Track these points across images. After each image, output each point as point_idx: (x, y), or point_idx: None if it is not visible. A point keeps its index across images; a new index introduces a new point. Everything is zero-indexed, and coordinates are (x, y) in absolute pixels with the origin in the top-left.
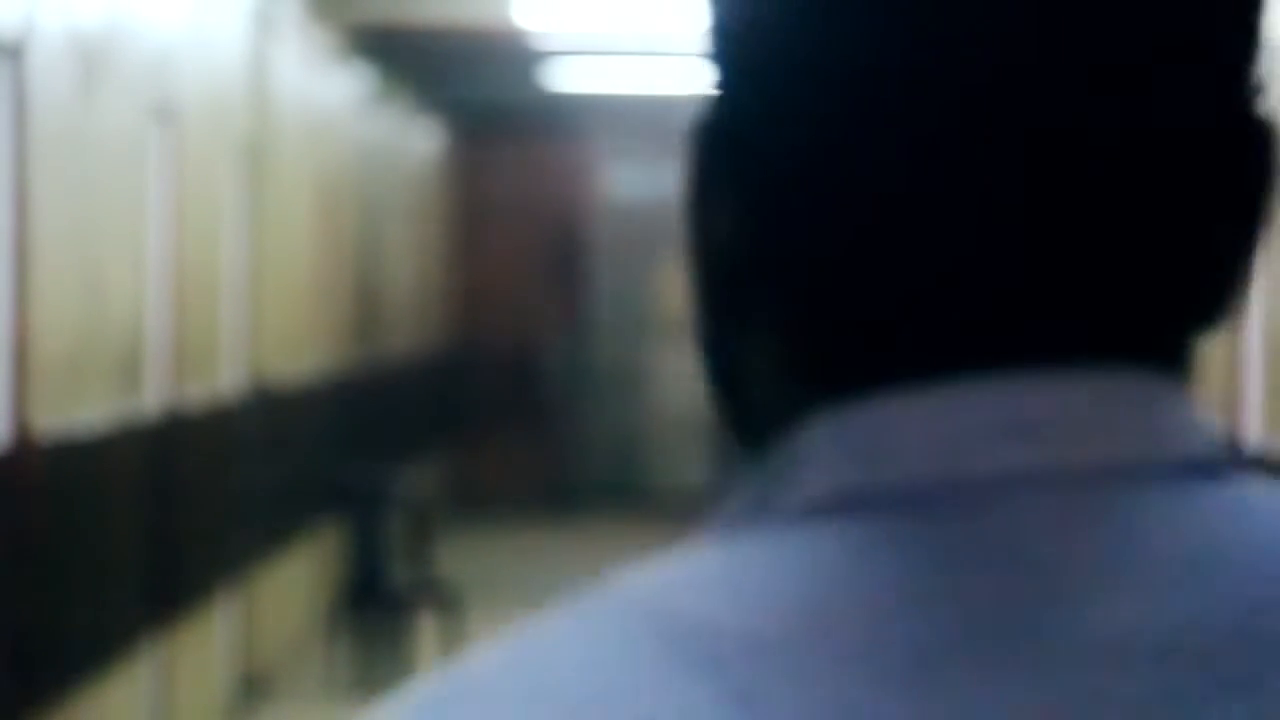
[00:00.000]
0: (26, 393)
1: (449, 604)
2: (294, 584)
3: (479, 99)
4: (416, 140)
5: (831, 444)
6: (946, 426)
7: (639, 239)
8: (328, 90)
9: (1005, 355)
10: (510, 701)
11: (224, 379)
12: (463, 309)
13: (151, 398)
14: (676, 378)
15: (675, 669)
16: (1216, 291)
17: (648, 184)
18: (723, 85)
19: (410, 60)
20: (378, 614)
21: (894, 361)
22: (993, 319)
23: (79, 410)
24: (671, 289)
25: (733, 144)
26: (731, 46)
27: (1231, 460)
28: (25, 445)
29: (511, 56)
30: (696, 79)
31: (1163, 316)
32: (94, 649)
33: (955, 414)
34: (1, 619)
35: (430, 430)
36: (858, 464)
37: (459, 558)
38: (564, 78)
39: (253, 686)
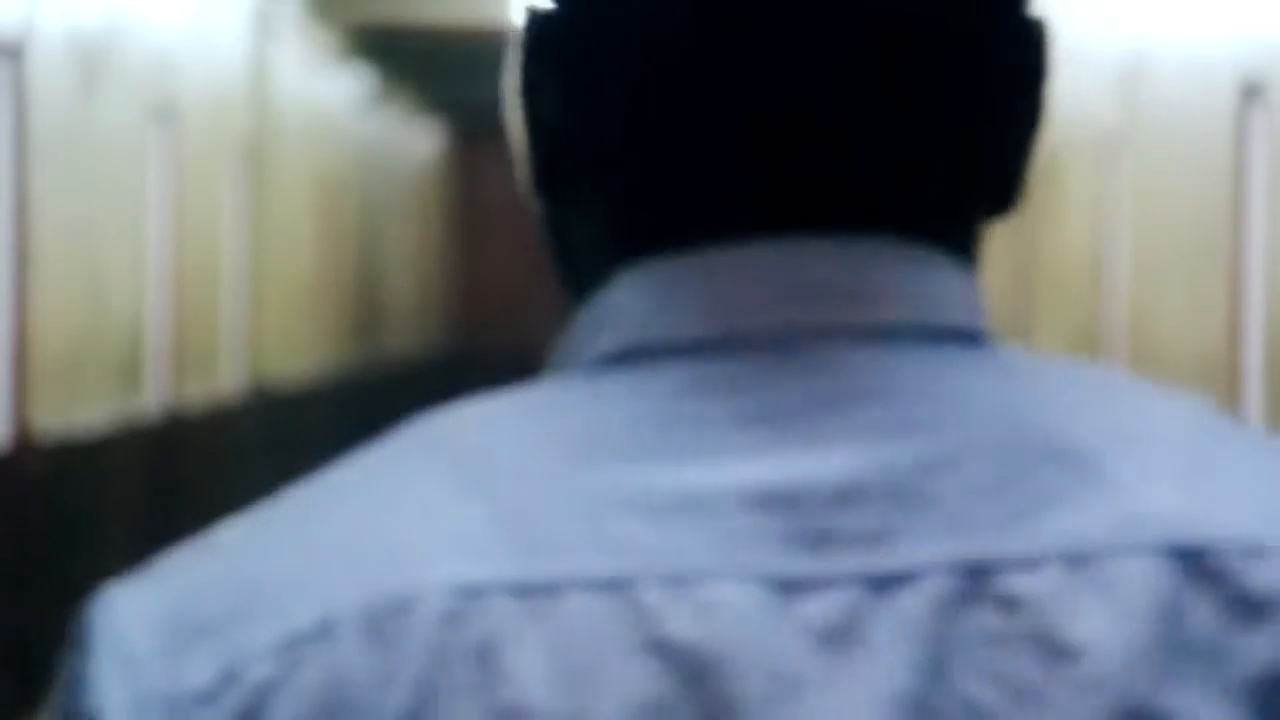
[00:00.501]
0: (26, 393)
1: None
2: None
3: (479, 99)
4: (416, 140)
5: (625, 305)
6: (727, 289)
7: None
8: (328, 91)
9: (791, 224)
10: (315, 520)
11: (224, 379)
12: (462, 308)
13: (151, 398)
14: None
15: (455, 491)
16: (998, 179)
17: None
18: None
19: (410, 60)
20: None
21: (686, 228)
22: (778, 190)
23: (79, 410)
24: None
25: (556, 34)
26: None
27: (987, 334)
28: (25, 445)
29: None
30: None
31: (944, 199)
32: None
33: (736, 278)
34: (1, 618)
35: None
36: (643, 323)
37: None
38: None
39: None
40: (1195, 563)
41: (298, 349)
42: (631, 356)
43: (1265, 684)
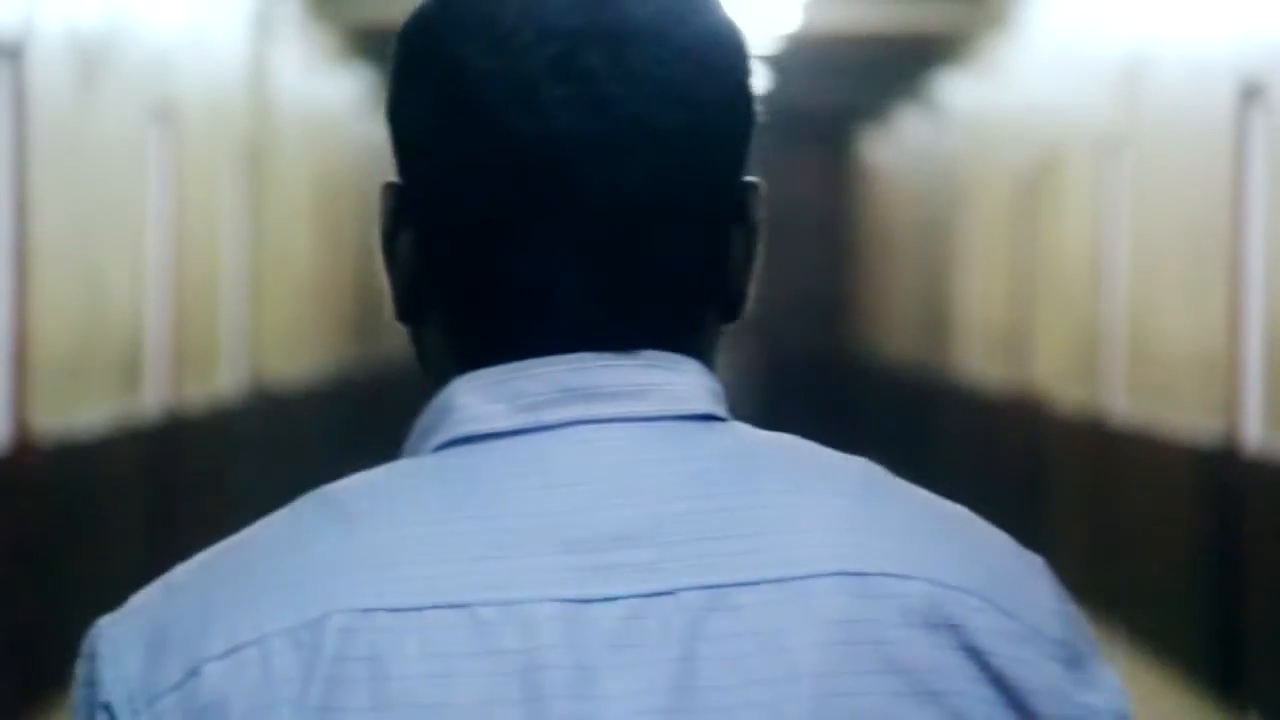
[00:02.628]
0: (26, 393)
1: None
2: None
3: None
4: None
5: (460, 404)
6: (520, 392)
7: None
8: (328, 91)
9: (574, 348)
10: (248, 565)
11: (224, 379)
12: None
13: (151, 398)
14: None
15: (327, 528)
16: (728, 302)
17: None
18: (396, 155)
19: None
20: None
21: (498, 349)
22: (565, 322)
23: (79, 411)
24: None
25: (408, 202)
26: (399, 133)
27: (728, 416)
28: (25, 445)
29: None
30: None
31: (687, 323)
32: None
33: (527, 383)
34: (2, 618)
35: None
36: (474, 418)
37: None
38: None
39: None
40: (860, 582)
41: (298, 349)
42: (466, 441)
43: (914, 667)
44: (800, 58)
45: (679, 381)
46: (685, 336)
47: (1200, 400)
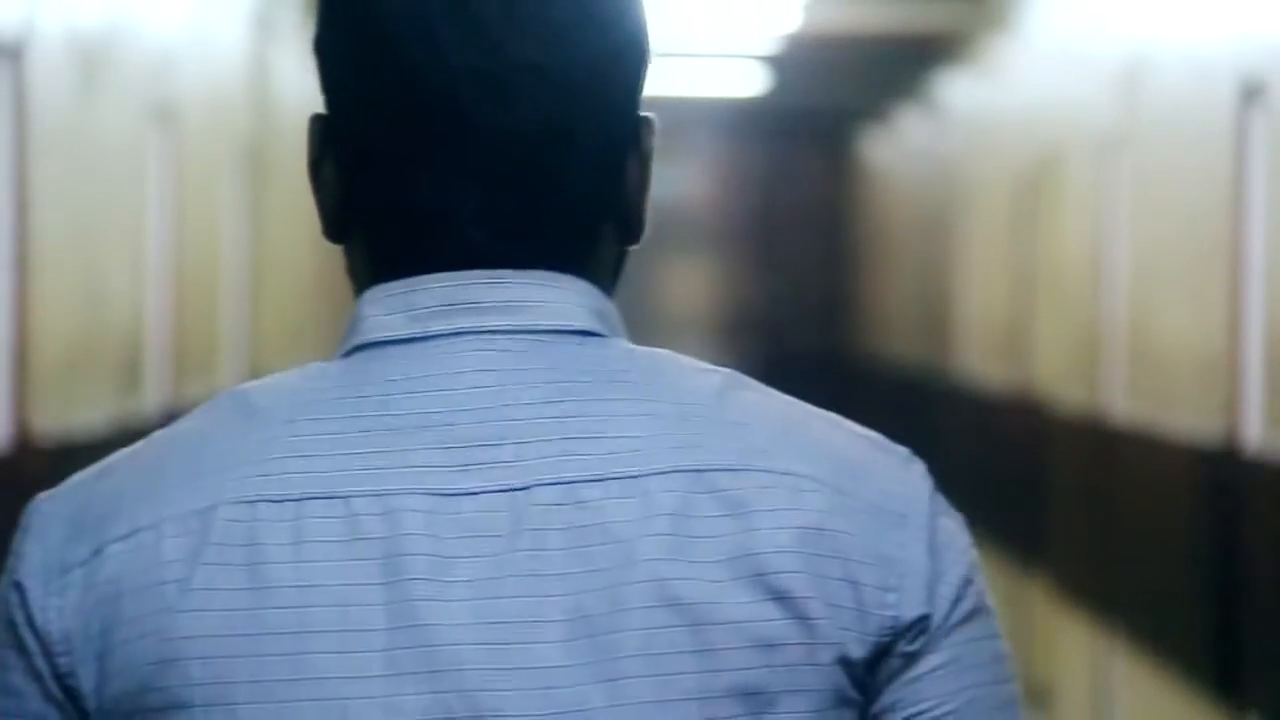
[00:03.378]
0: (26, 393)
1: None
2: None
3: None
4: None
5: (365, 314)
6: (414, 304)
7: None
8: None
9: (466, 265)
10: (160, 457)
11: (224, 379)
12: None
13: (151, 398)
14: None
15: (234, 430)
16: (627, 224)
17: None
18: (322, 89)
19: None
20: None
21: (403, 266)
22: (456, 238)
23: (79, 411)
24: (671, 287)
25: (330, 132)
26: (322, 69)
27: (610, 333)
28: (25, 445)
29: None
30: (694, 79)
31: (576, 243)
32: None
33: (420, 297)
34: None
35: None
36: (364, 328)
37: None
38: None
39: None
40: (700, 478)
41: (298, 349)
42: (368, 347)
43: (740, 551)
44: (800, 58)
45: (560, 299)
46: (578, 258)
47: (1200, 400)
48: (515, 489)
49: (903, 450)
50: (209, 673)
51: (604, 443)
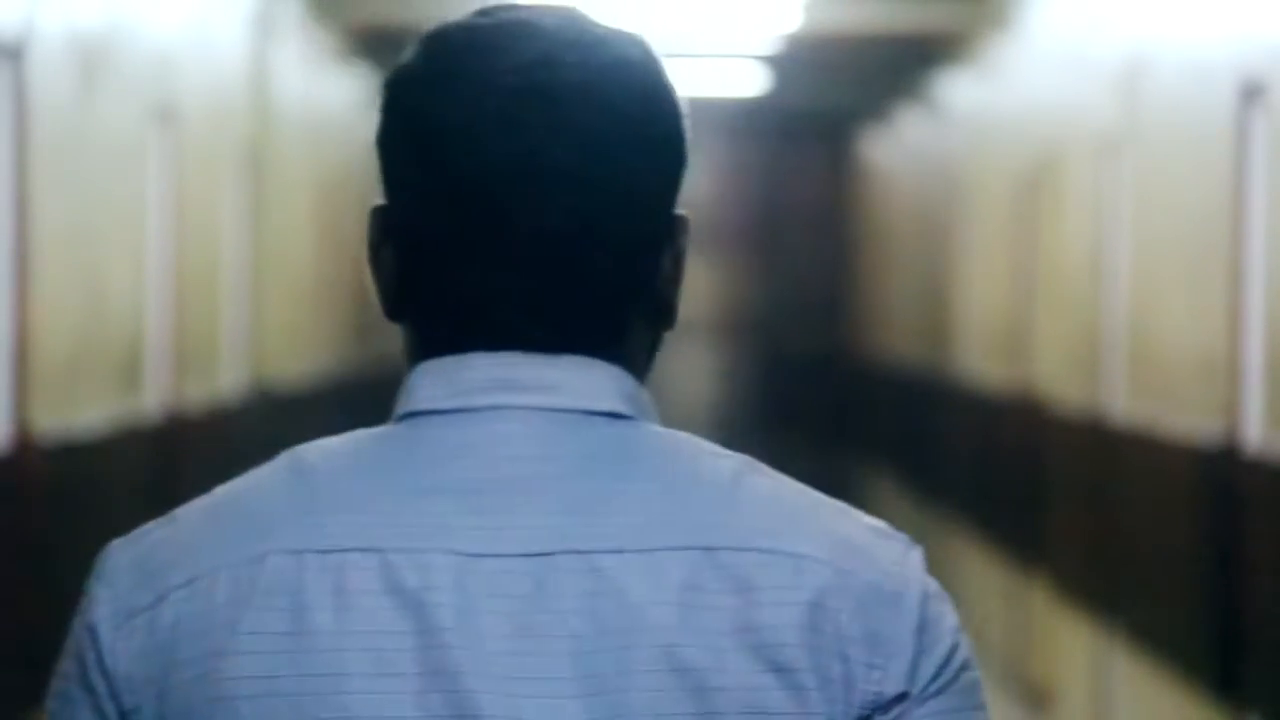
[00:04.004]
0: (27, 393)
1: None
2: None
3: None
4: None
5: (416, 386)
6: (458, 379)
7: None
8: (328, 92)
9: (507, 344)
10: (217, 511)
11: (224, 379)
12: None
13: (151, 398)
14: (681, 377)
15: (288, 488)
16: (659, 312)
17: None
18: (381, 181)
19: None
20: None
21: (451, 344)
22: (500, 324)
23: (79, 411)
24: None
25: (390, 221)
26: (382, 164)
27: (638, 415)
28: (25, 445)
29: None
30: (694, 79)
31: (605, 331)
32: None
33: (464, 373)
34: (2, 618)
35: None
36: (422, 399)
37: None
38: None
39: None
40: (710, 555)
41: (298, 349)
42: (414, 416)
43: (747, 625)
44: (800, 58)
45: (592, 382)
46: (609, 344)
47: (1200, 400)
48: (538, 555)
49: (902, 536)
50: (255, 711)
51: (623, 518)
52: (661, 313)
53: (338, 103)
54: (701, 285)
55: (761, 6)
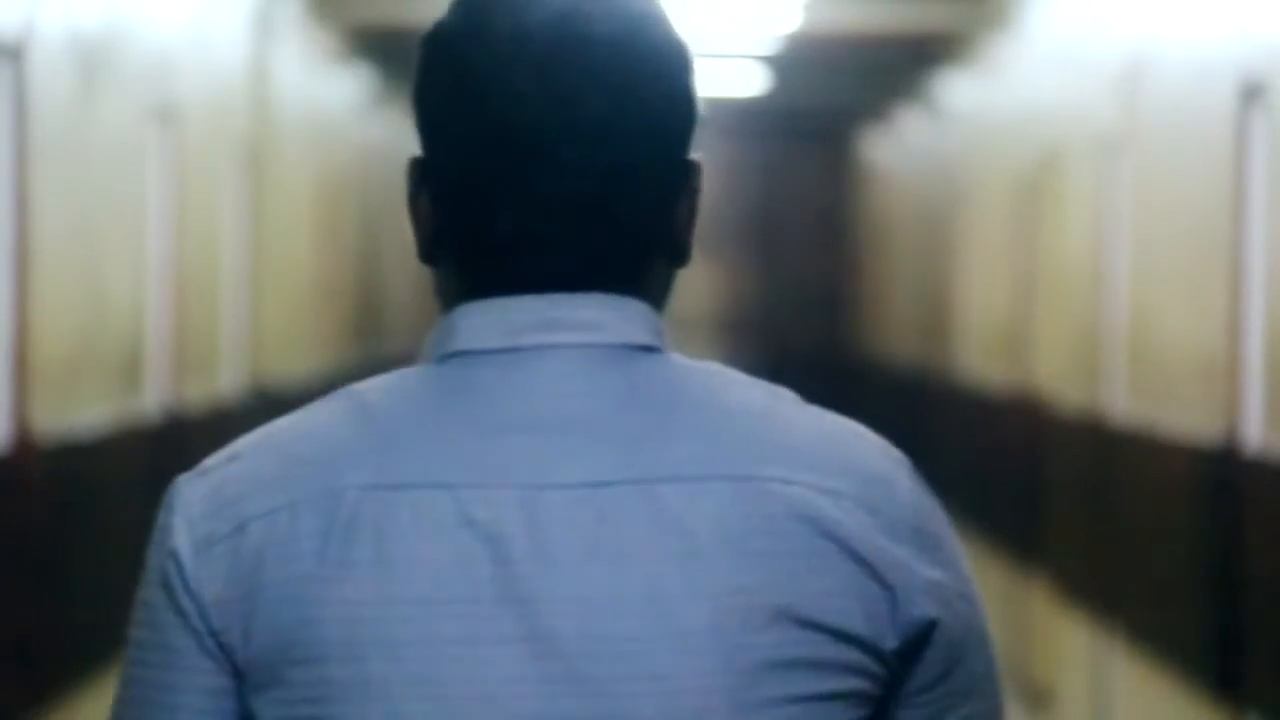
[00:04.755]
0: (27, 393)
1: None
2: None
3: None
4: (417, 141)
5: (460, 326)
6: (503, 321)
7: None
8: (328, 92)
9: (544, 288)
10: (287, 442)
11: (224, 379)
12: None
13: (151, 398)
14: None
15: (361, 429)
16: (675, 251)
17: None
18: (418, 133)
19: (410, 61)
20: None
21: (491, 285)
22: (536, 266)
23: (79, 411)
24: (674, 287)
25: (427, 169)
26: (419, 115)
27: (664, 346)
28: (25, 445)
29: None
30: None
31: (635, 269)
32: (95, 648)
33: (509, 314)
34: (2, 618)
35: None
36: (467, 338)
37: None
38: None
39: None
40: (752, 483)
41: (298, 350)
42: (461, 355)
43: (791, 550)
44: (800, 58)
45: (626, 318)
46: (636, 281)
47: (1200, 400)
48: (599, 484)
49: (904, 461)
50: (342, 633)
51: (674, 448)
52: (678, 251)
53: (338, 103)
54: (702, 284)
55: (761, 6)
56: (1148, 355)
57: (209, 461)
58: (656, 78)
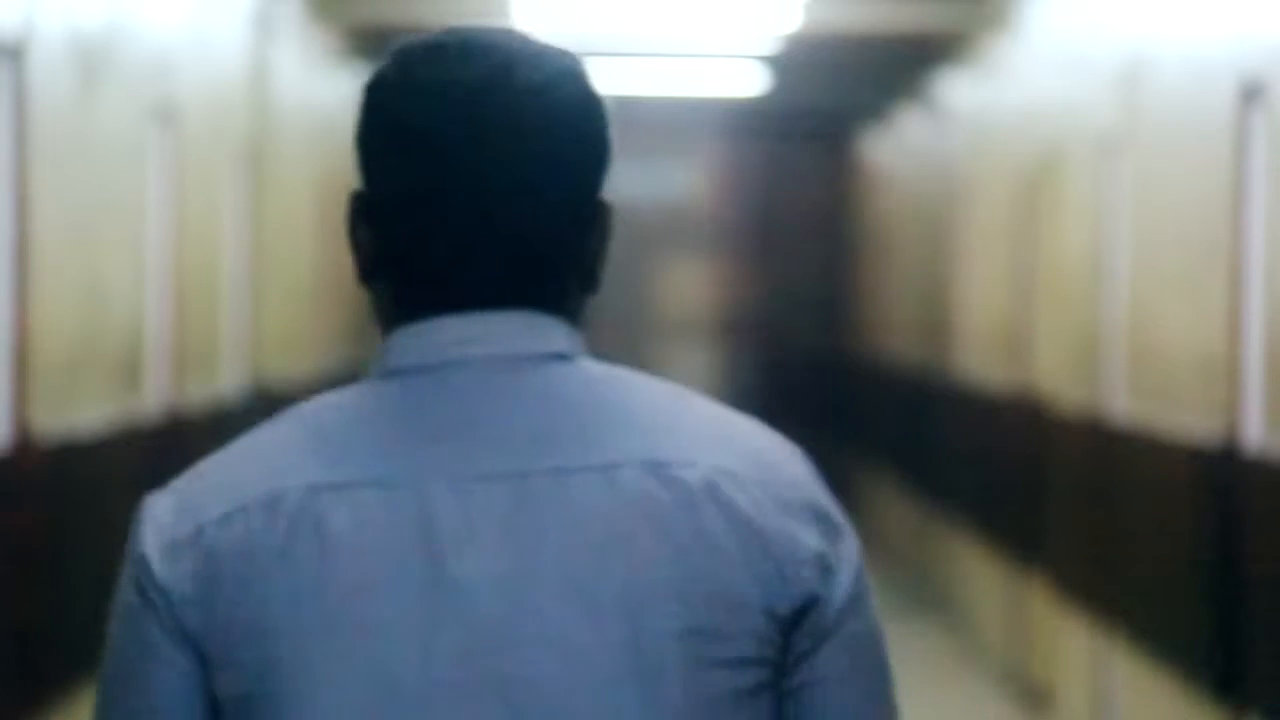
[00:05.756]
0: (26, 393)
1: None
2: None
3: None
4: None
5: (389, 348)
6: (433, 339)
7: (637, 238)
8: (328, 91)
9: (468, 306)
10: (240, 457)
11: (224, 379)
12: None
13: (151, 398)
14: (681, 377)
15: (296, 437)
16: (587, 279)
17: (646, 183)
18: (359, 170)
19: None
20: None
21: (422, 306)
22: (462, 290)
23: (79, 411)
24: (671, 288)
25: (366, 202)
26: (361, 157)
27: (578, 355)
28: (25, 445)
29: None
30: (695, 79)
31: (554, 295)
32: (95, 649)
33: (437, 333)
34: (2, 619)
35: None
36: (394, 358)
37: None
38: None
39: None
40: (657, 469)
41: (298, 349)
42: (392, 374)
43: (694, 528)
44: (800, 58)
45: (542, 332)
46: (551, 304)
47: (1200, 400)
48: (515, 475)
49: (796, 450)
50: (288, 616)
51: (581, 440)
52: (588, 280)
53: (338, 102)
54: (701, 285)
55: (761, 6)
56: (1147, 355)
57: (175, 481)
58: (574, 125)
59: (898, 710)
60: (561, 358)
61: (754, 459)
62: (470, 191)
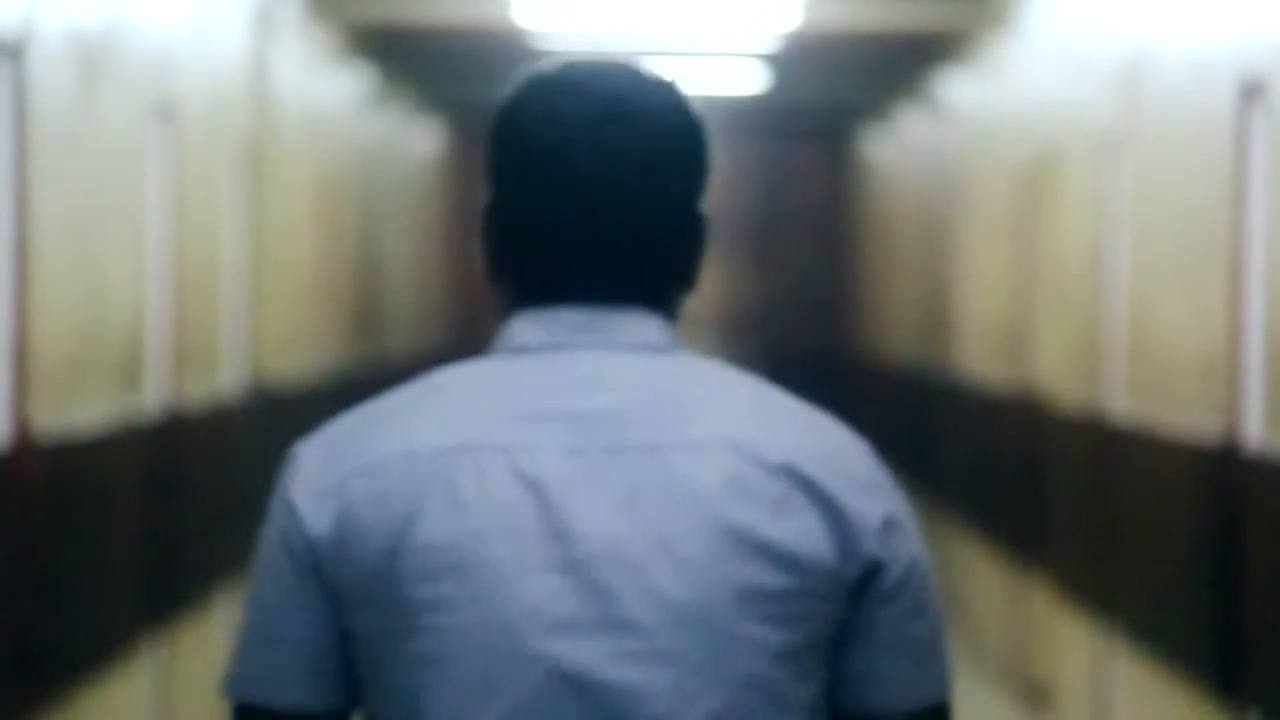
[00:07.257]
0: (26, 393)
1: None
2: None
3: (479, 99)
4: (416, 140)
5: (513, 330)
6: (550, 325)
7: None
8: (328, 90)
9: (582, 300)
10: (360, 424)
11: (224, 379)
12: (463, 308)
13: (152, 397)
14: None
15: (430, 402)
16: (686, 276)
17: None
18: (490, 183)
19: (410, 60)
20: None
21: (542, 300)
22: (577, 286)
23: (79, 410)
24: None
25: (496, 206)
26: (491, 171)
27: (674, 347)
28: (25, 445)
29: (511, 56)
30: (694, 78)
31: (656, 291)
32: (94, 648)
33: (555, 320)
34: (2, 618)
35: None
36: (517, 337)
37: None
38: None
39: None
40: (739, 447)
41: (298, 348)
42: (516, 350)
43: (773, 497)
44: (800, 57)
45: (649, 327)
46: (654, 301)
47: (1200, 400)
48: (618, 448)
49: (865, 444)
50: (421, 561)
51: (680, 422)
52: (688, 281)
53: (337, 101)
54: (702, 283)
55: (761, 6)
56: (1147, 354)
57: (323, 429)
58: (681, 148)
59: (947, 680)
60: (660, 348)
61: (824, 442)
62: (587, 202)
